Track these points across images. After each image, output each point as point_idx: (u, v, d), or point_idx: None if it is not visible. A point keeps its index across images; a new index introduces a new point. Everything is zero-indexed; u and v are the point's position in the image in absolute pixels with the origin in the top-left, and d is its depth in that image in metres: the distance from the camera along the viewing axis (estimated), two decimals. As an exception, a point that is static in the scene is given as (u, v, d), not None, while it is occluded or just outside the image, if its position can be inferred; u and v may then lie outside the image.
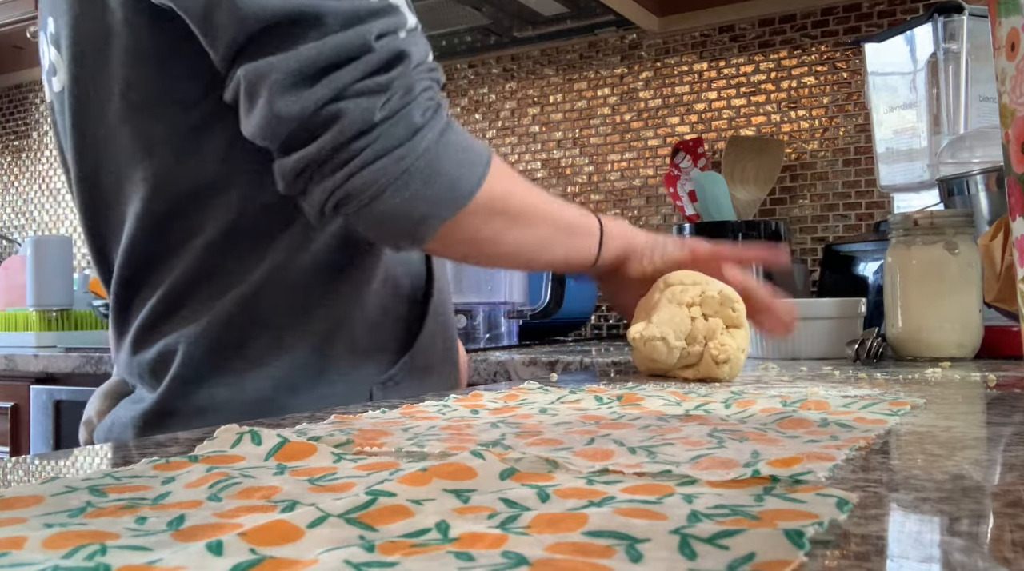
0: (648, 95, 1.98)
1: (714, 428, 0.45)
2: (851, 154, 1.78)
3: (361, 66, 0.60)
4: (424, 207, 0.62)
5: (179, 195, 0.68)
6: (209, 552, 0.23)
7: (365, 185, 0.60)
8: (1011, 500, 0.30)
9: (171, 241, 0.69)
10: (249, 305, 0.68)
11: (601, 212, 2.09)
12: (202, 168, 0.67)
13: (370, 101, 0.60)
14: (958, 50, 1.38)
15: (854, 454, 0.38)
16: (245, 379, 0.68)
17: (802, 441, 0.41)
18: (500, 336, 1.60)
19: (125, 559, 0.23)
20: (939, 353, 0.94)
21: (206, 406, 0.68)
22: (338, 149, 0.60)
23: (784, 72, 1.84)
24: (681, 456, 0.37)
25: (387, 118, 0.60)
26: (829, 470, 0.34)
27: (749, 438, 0.41)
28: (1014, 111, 0.49)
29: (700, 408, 0.53)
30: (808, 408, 0.52)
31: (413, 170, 0.61)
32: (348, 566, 0.22)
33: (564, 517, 0.27)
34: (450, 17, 1.85)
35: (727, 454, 0.37)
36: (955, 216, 0.96)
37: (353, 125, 0.59)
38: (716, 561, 0.23)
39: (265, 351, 0.69)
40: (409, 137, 0.61)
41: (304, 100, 0.59)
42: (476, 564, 0.22)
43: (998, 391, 0.65)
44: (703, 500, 0.29)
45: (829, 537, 0.25)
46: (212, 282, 0.69)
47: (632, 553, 0.23)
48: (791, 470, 0.33)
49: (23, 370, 1.70)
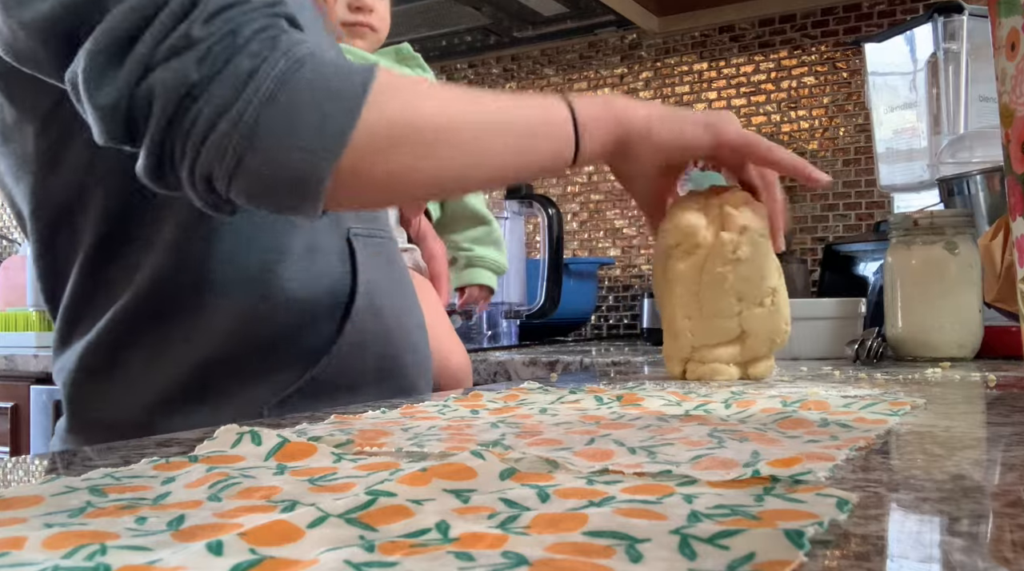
0: (648, 95, 1.98)
1: (714, 428, 0.45)
2: (851, 154, 1.78)
3: (159, 26, 0.51)
4: (297, 159, 0.53)
5: (57, 210, 0.65)
6: (209, 552, 0.23)
7: (219, 155, 0.52)
8: (1011, 500, 0.30)
9: (59, 258, 0.67)
10: (127, 320, 0.65)
11: (601, 211, 2.10)
12: (70, 181, 0.64)
13: (181, 62, 0.51)
14: (958, 50, 1.38)
15: (854, 454, 0.38)
16: (119, 403, 0.66)
17: (802, 441, 0.41)
18: (500, 336, 1.60)
19: (125, 559, 0.23)
20: (939, 353, 0.94)
21: (93, 427, 0.66)
22: (170, 127, 0.52)
23: (784, 72, 1.84)
24: (681, 456, 0.37)
25: (209, 75, 0.51)
26: (829, 470, 0.34)
27: (749, 438, 0.41)
28: (1014, 111, 0.49)
29: (700, 408, 0.53)
30: (808, 408, 0.52)
31: (261, 122, 0.51)
32: (348, 566, 0.22)
33: (564, 517, 0.27)
34: (450, 17, 1.85)
35: (727, 454, 0.37)
36: (955, 216, 0.96)
37: (171, 95, 0.51)
38: (716, 561, 0.23)
39: (139, 372, 0.65)
40: (242, 88, 0.51)
41: (116, 86, 0.51)
42: (476, 564, 0.22)
43: (998, 391, 0.65)
44: (703, 500, 0.29)
45: (829, 537, 0.25)
46: (96, 298, 0.66)
47: (632, 553, 0.23)
48: (791, 470, 0.33)
49: (23, 370, 1.70)
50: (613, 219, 2.02)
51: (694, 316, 0.75)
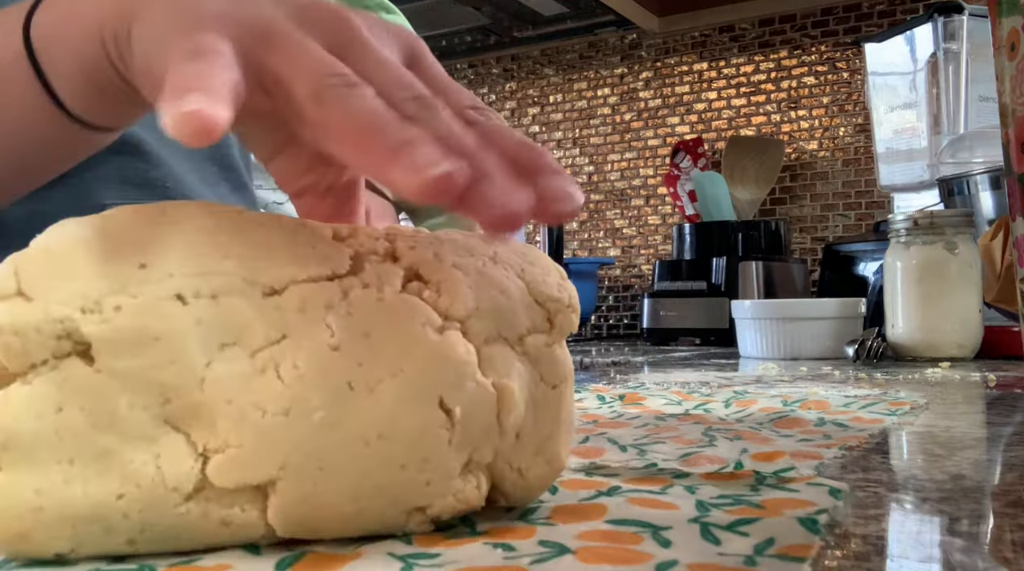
0: (648, 95, 1.98)
1: (710, 427, 0.45)
2: (851, 154, 1.78)
3: None
4: None
5: None
6: (248, 551, 0.23)
7: None
8: (1011, 500, 0.30)
9: None
10: None
11: (601, 211, 2.10)
12: None
13: None
14: (958, 50, 1.38)
15: (843, 453, 0.38)
16: None
17: (795, 440, 0.41)
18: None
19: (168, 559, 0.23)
20: (939, 353, 0.94)
21: None
22: None
23: (784, 72, 1.84)
24: (671, 454, 0.37)
25: None
26: (814, 468, 0.34)
27: (742, 436, 0.41)
28: (1014, 111, 0.49)
29: (700, 407, 0.53)
30: (808, 408, 0.52)
31: None
32: (393, 559, 0.22)
33: (583, 507, 0.27)
34: (450, 17, 1.85)
35: (717, 452, 0.37)
36: (955, 216, 0.96)
37: None
38: (741, 545, 0.23)
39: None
40: None
41: None
42: (519, 553, 0.22)
43: (998, 391, 0.65)
44: (705, 491, 0.30)
45: (828, 537, 0.25)
46: None
47: (659, 538, 0.24)
48: (773, 465, 0.33)
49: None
50: (613, 219, 2.02)
51: None
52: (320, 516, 0.23)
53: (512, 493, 0.26)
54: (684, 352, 1.27)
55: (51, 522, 0.22)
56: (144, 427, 0.22)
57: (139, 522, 0.22)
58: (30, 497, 0.21)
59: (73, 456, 0.21)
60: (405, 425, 0.23)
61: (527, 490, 0.26)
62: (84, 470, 0.22)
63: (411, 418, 0.23)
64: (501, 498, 0.26)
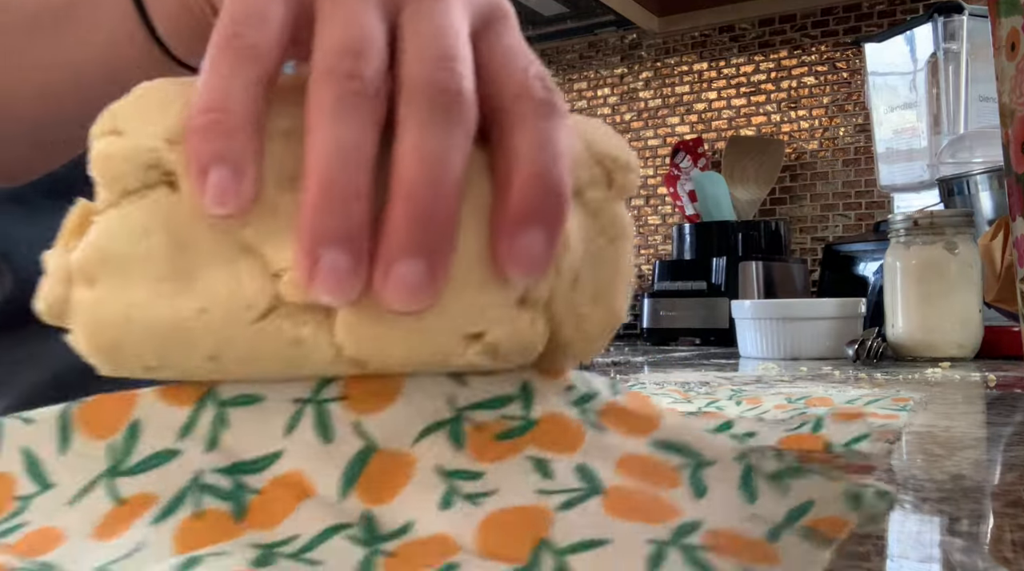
0: (648, 95, 1.98)
1: (737, 418, 0.44)
2: (851, 154, 1.78)
3: None
4: None
5: None
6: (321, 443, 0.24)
7: None
8: (1011, 500, 0.30)
9: None
10: None
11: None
12: None
13: None
14: (958, 50, 1.38)
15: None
16: None
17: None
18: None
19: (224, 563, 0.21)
20: (939, 353, 0.94)
21: None
22: None
23: (784, 72, 1.84)
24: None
25: None
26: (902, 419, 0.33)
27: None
28: (1014, 111, 0.49)
29: (712, 405, 0.53)
30: (813, 404, 0.52)
31: None
32: (440, 477, 0.23)
33: (636, 416, 0.26)
34: (450, 17, 1.85)
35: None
36: (955, 216, 0.96)
37: None
38: (775, 507, 0.22)
39: None
40: None
41: None
42: (554, 485, 0.22)
43: (998, 391, 0.65)
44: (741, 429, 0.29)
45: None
46: None
47: (696, 482, 0.23)
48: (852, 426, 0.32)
49: (23, 370, 1.70)
50: (613, 219, 2.02)
51: None
52: (385, 336, 0.24)
53: (573, 343, 0.26)
54: (684, 352, 1.27)
55: (140, 334, 0.23)
56: (223, 249, 0.23)
57: (218, 339, 0.24)
58: (122, 309, 0.23)
59: (160, 275, 0.23)
60: (467, 244, 0.23)
61: (587, 340, 0.26)
62: (169, 288, 0.23)
63: (473, 239, 0.23)
64: (562, 352, 0.26)
